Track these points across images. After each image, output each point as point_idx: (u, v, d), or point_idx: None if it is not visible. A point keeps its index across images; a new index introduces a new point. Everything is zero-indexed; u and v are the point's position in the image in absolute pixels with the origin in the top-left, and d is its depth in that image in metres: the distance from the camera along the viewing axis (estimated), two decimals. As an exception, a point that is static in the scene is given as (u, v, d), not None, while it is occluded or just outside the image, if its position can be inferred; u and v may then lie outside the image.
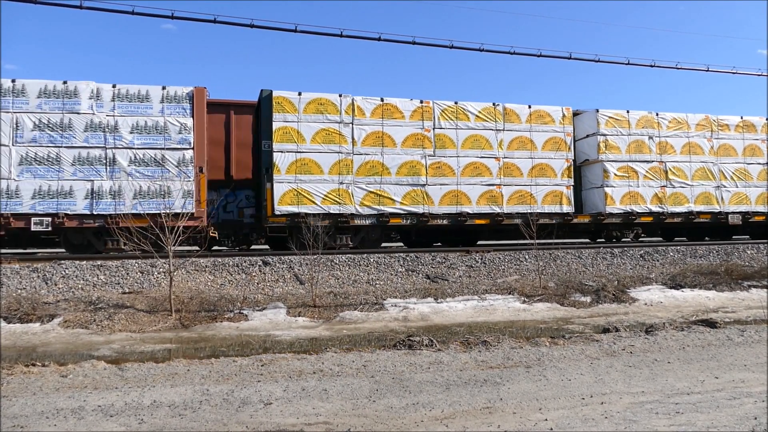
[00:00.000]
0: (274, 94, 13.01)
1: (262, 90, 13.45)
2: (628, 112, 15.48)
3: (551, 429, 3.78)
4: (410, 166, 13.65)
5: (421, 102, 13.95)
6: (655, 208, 15.27)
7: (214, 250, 13.75)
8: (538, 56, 15.20)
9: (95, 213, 11.79)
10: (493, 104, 14.48)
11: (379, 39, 13.83)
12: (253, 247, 15.10)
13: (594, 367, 5.55)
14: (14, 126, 11.58)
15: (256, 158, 13.96)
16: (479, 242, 15.69)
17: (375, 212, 13.38)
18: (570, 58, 15.34)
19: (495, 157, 14.27)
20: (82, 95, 11.97)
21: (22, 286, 9.75)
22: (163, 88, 12.39)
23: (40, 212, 11.52)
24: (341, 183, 13.17)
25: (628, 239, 16.25)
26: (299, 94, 13.18)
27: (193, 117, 12.47)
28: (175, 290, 9.33)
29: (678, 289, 11.48)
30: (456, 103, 14.23)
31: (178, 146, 12.31)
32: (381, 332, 8.28)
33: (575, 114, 15.63)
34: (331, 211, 13.02)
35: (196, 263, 10.85)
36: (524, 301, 10.37)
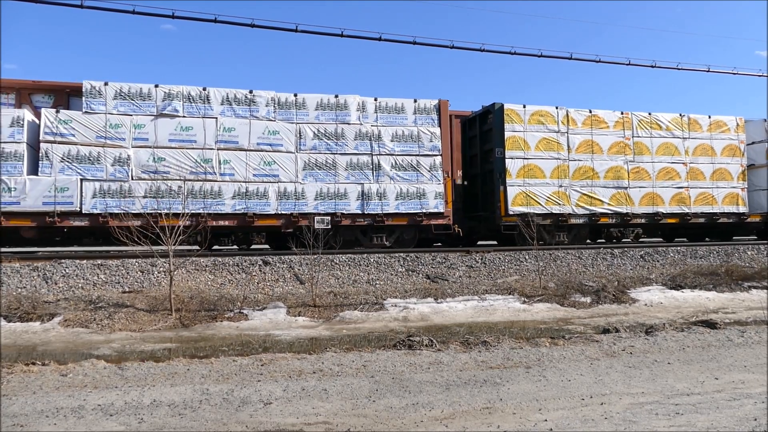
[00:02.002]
0: (506, 107, 14.70)
1: (494, 103, 15.02)
2: None
3: (551, 429, 3.78)
4: (615, 170, 15.37)
5: (622, 113, 15.72)
6: None
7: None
8: (539, 56, 15.15)
9: (365, 212, 13.25)
10: (680, 115, 16.24)
11: (379, 39, 13.80)
12: (253, 246, 15.12)
13: (594, 367, 5.55)
14: (298, 135, 13.09)
15: (476, 163, 15.98)
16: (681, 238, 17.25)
17: (587, 212, 15.10)
18: (571, 59, 15.30)
19: (683, 163, 16.08)
20: (351, 107, 13.50)
21: (22, 284, 9.75)
22: (415, 101, 14.03)
23: (321, 212, 12.96)
24: (560, 186, 14.88)
25: None
26: (524, 106, 14.90)
27: (440, 126, 14.04)
28: (175, 289, 9.33)
29: (678, 290, 11.48)
30: (650, 114, 15.98)
31: (430, 153, 13.84)
32: (381, 332, 8.28)
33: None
34: (553, 211, 14.72)
35: (197, 262, 10.85)
36: (524, 302, 10.37)
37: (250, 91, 13.02)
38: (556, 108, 15.07)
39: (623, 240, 17.79)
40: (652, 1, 77.99)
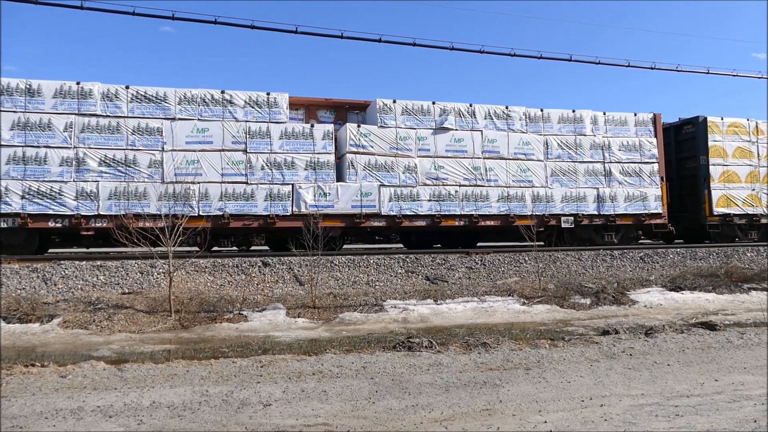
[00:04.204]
0: (708, 119, 16.53)
1: (697, 116, 16.81)
2: None
3: (551, 431, 3.78)
4: None
5: None
6: None
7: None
8: (539, 58, 15.20)
9: (600, 213, 15.10)
10: None
11: (379, 41, 13.83)
12: (252, 248, 15.11)
13: (593, 369, 5.55)
14: (545, 146, 14.88)
15: (671, 168, 17.22)
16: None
17: None
18: (570, 60, 15.32)
19: None
20: (585, 121, 15.43)
21: (21, 286, 9.74)
22: (635, 114, 15.90)
23: (566, 213, 14.83)
24: (752, 190, 16.73)
25: None
26: (722, 119, 16.74)
27: (655, 137, 15.96)
28: (174, 291, 9.32)
29: (678, 292, 11.48)
30: None
31: (649, 160, 15.75)
32: (380, 333, 8.28)
33: None
34: (747, 212, 16.60)
35: (196, 264, 10.85)
36: (524, 303, 10.36)
37: (507, 107, 14.84)
38: (747, 120, 17.01)
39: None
40: (649, 1, 78.17)
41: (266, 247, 15.46)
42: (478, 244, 16.21)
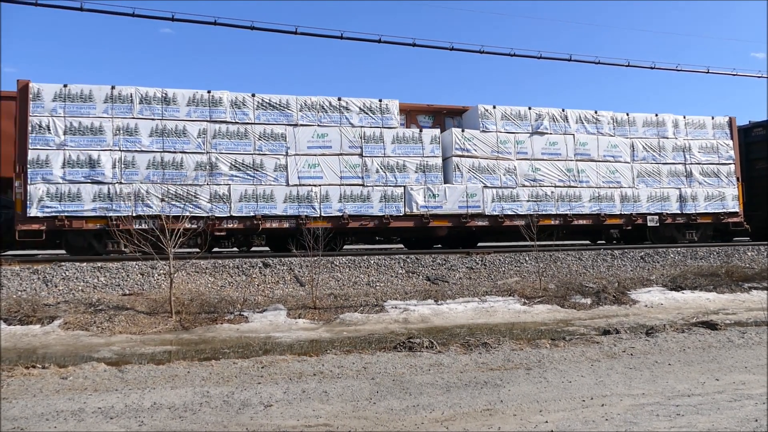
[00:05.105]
0: None
1: (766, 120, 17.86)
2: None
3: (552, 431, 3.78)
4: None
5: None
6: None
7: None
8: (539, 58, 15.24)
9: (683, 212, 15.90)
10: None
11: (379, 41, 13.87)
12: (252, 248, 15.11)
13: (594, 369, 5.55)
14: (631, 148, 15.68)
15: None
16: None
17: None
18: (570, 60, 15.38)
19: None
20: (668, 124, 16.13)
21: (22, 287, 9.75)
22: (713, 118, 16.56)
23: (651, 212, 15.57)
24: None
25: None
26: None
27: (732, 139, 16.64)
28: (175, 292, 9.32)
29: (678, 291, 11.47)
30: None
31: (726, 162, 16.42)
32: (381, 334, 8.28)
33: None
34: None
35: (197, 265, 10.85)
36: (524, 303, 10.36)
37: (596, 112, 15.63)
38: None
39: None
40: (648, 1, 78.16)
41: (266, 248, 15.46)
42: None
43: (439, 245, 16.30)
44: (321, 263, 10.81)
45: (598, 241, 18.67)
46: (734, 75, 17.42)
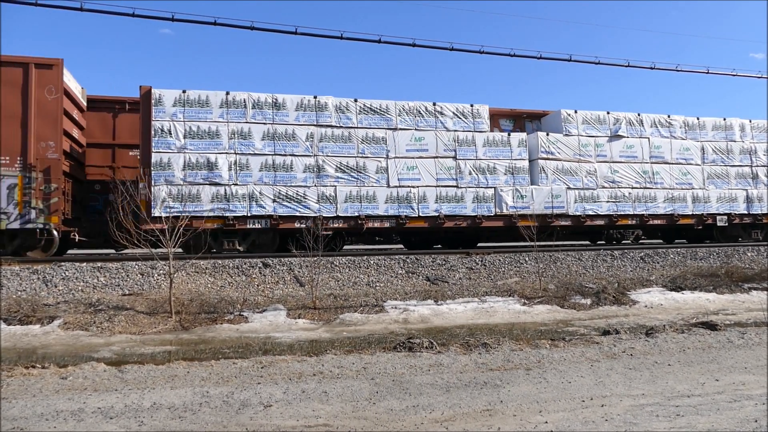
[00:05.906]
0: None
1: None
2: None
3: (551, 431, 3.78)
4: None
5: None
6: None
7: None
8: (539, 58, 15.24)
9: (750, 212, 16.57)
10: None
11: (379, 41, 13.87)
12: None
13: (594, 369, 5.55)
14: (702, 151, 16.27)
15: None
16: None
17: None
18: (570, 60, 15.37)
19: None
20: (735, 128, 16.77)
21: (22, 287, 9.75)
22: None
23: (721, 212, 16.20)
24: None
25: None
26: None
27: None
28: (175, 292, 9.32)
29: (678, 292, 11.47)
30: None
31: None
32: (381, 334, 8.28)
33: None
34: None
35: (196, 265, 10.85)
36: (524, 303, 10.36)
37: (668, 116, 16.17)
38: None
39: None
40: (648, 1, 78.17)
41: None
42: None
43: (439, 246, 16.31)
44: (321, 263, 10.81)
45: (598, 242, 18.69)
46: (734, 75, 17.47)
